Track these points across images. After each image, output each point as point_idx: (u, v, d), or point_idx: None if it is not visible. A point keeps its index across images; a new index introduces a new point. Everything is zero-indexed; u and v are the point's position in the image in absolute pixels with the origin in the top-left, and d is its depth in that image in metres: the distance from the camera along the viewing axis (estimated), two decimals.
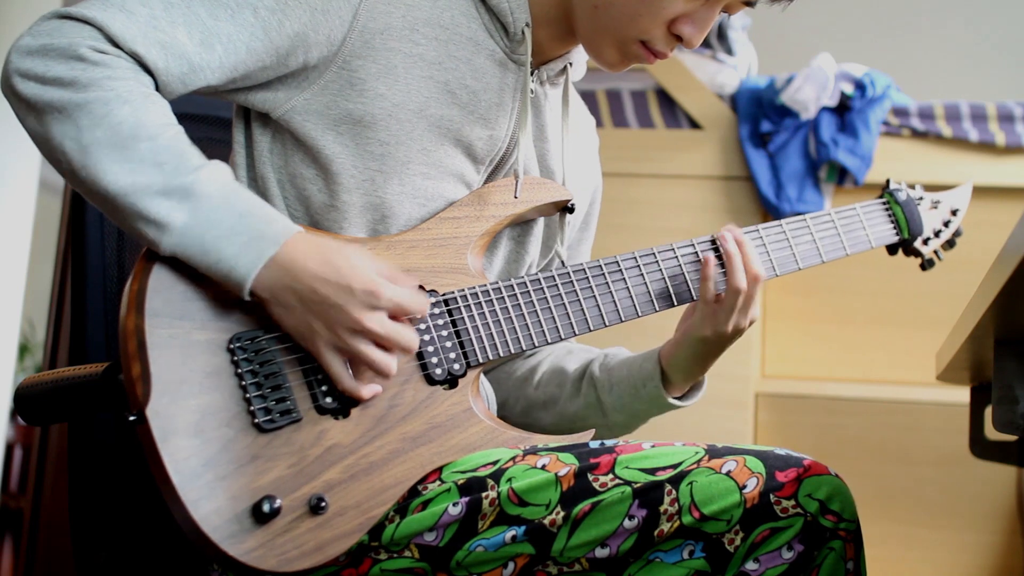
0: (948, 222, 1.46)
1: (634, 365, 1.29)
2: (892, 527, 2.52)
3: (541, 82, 1.28)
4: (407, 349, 1.07)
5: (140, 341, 1.01)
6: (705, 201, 2.74)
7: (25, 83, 1.03)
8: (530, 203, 1.24)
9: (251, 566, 1.00)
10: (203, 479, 0.99)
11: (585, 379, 1.31)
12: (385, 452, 1.08)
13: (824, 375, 2.72)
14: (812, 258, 1.33)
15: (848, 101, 2.67)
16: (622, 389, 1.29)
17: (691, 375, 1.28)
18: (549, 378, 1.34)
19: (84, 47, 1.03)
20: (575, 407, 1.31)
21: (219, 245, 1.02)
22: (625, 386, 1.28)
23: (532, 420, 1.33)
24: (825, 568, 1.02)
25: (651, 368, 1.27)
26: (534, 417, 1.33)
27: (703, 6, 1.16)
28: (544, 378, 1.34)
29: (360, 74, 1.15)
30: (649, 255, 1.25)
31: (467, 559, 1.06)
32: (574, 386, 1.32)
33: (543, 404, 1.33)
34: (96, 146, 1.01)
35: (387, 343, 1.06)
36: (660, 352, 1.28)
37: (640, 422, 1.31)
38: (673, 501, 1.03)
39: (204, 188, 1.02)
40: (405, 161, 1.17)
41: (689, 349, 1.25)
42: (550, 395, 1.33)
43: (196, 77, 1.09)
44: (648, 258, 1.25)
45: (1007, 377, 1.26)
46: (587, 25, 1.20)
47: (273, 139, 1.18)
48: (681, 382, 1.28)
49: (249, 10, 1.10)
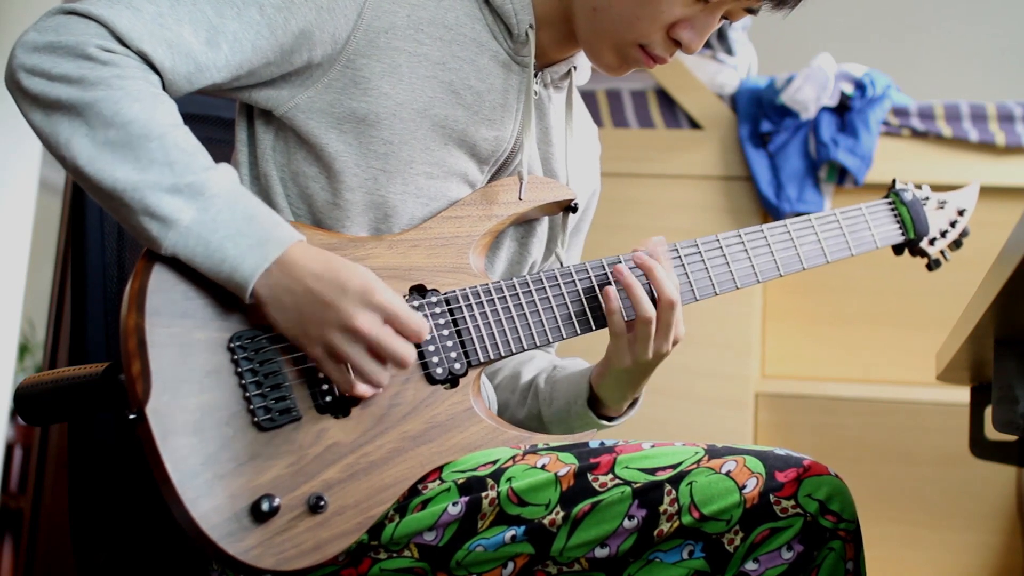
0: (955, 222, 1.46)
1: (572, 381, 1.28)
2: (892, 527, 2.52)
3: (545, 85, 1.28)
4: (400, 362, 1.04)
5: (140, 339, 1.01)
6: (705, 201, 2.73)
7: (31, 79, 1.03)
8: (533, 202, 1.24)
9: (250, 565, 1.00)
10: (202, 477, 0.99)
11: (531, 390, 1.32)
12: (385, 451, 1.08)
13: (824, 375, 2.71)
14: (816, 258, 1.33)
15: (848, 101, 2.66)
16: (559, 404, 1.28)
17: (623, 397, 1.26)
18: (506, 383, 1.35)
19: (92, 45, 1.03)
20: (521, 415, 1.32)
21: (224, 245, 1.02)
22: (562, 402, 1.28)
23: None
24: (825, 568, 1.02)
25: (583, 387, 1.26)
26: None
27: (703, 12, 1.16)
28: (503, 382, 1.35)
29: (364, 73, 1.15)
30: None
31: (467, 559, 1.06)
32: (522, 394, 1.32)
33: (500, 408, 1.33)
34: (106, 144, 1.02)
35: (379, 350, 1.04)
36: (591, 375, 1.26)
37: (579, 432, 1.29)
38: (673, 501, 1.03)
39: (213, 188, 1.02)
40: (408, 160, 1.17)
41: (613, 378, 1.23)
42: (503, 400, 1.34)
43: (202, 76, 1.09)
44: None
45: (1007, 377, 1.26)
46: (586, 28, 1.20)
47: (276, 137, 1.18)
48: (614, 404, 1.26)
49: (255, 8, 1.10)
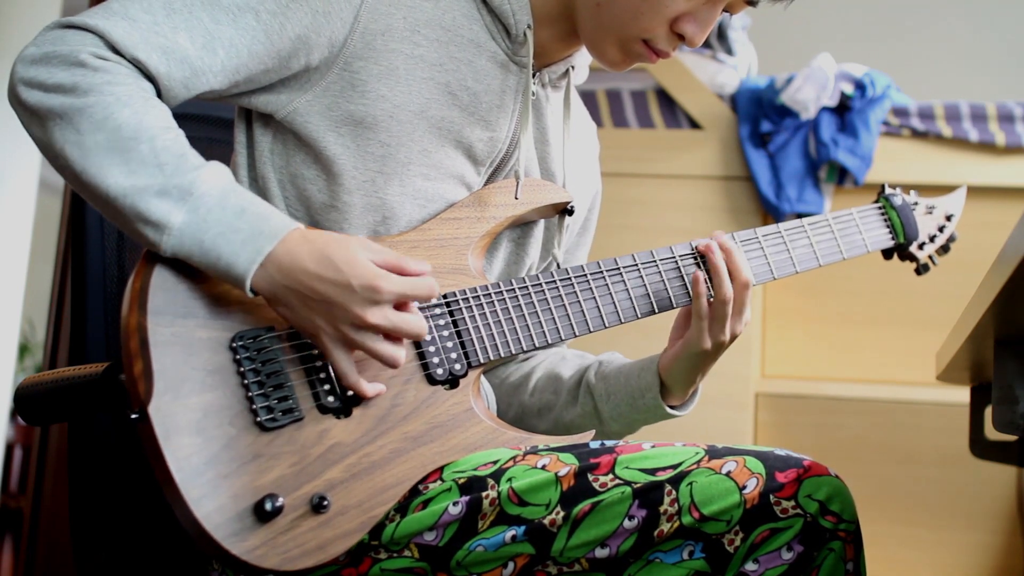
0: (943, 227, 1.47)
1: (631, 375, 1.28)
2: (892, 527, 2.52)
3: (543, 85, 1.28)
4: (416, 336, 1.06)
5: (142, 339, 1.01)
6: (705, 201, 2.74)
7: (29, 91, 1.04)
8: (530, 204, 1.25)
9: (253, 564, 1.00)
10: (205, 477, 0.99)
11: (582, 388, 1.31)
12: (386, 451, 1.09)
13: (824, 375, 2.72)
14: (809, 262, 1.34)
15: (848, 101, 2.67)
16: (619, 399, 1.28)
17: (690, 384, 1.27)
18: (544, 384, 1.33)
19: (85, 53, 1.04)
20: (571, 415, 1.31)
21: (217, 243, 1.01)
22: (623, 396, 1.28)
23: (526, 427, 1.32)
24: (825, 569, 1.02)
25: (650, 379, 1.26)
26: (528, 424, 1.33)
27: (705, 5, 1.16)
28: (539, 384, 1.34)
29: (362, 75, 1.15)
30: (649, 258, 1.25)
31: (467, 559, 1.06)
32: (570, 394, 1.31)
33: (538, 411, 1.33)
34: (96, 149, 1.02)
35: (394, 334, 1.05)
36: (659, 363, 1.27)
37: (635, 429, 1.31)
38: (673, 501, 1.03)
39: (202, 187, 1.02)
40: (406, 162, 1.17)
41: (688, 361, 1.24)
42: (546, 402, 1.33)
43: (199, 81, 1.09)
44: (648, 261, 1.25)
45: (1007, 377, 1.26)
46: (589, 23, 1.20)
47: (274, 139, 1.18)
48: (680, 392, 1.27)
49: (251, 14, 1.10)
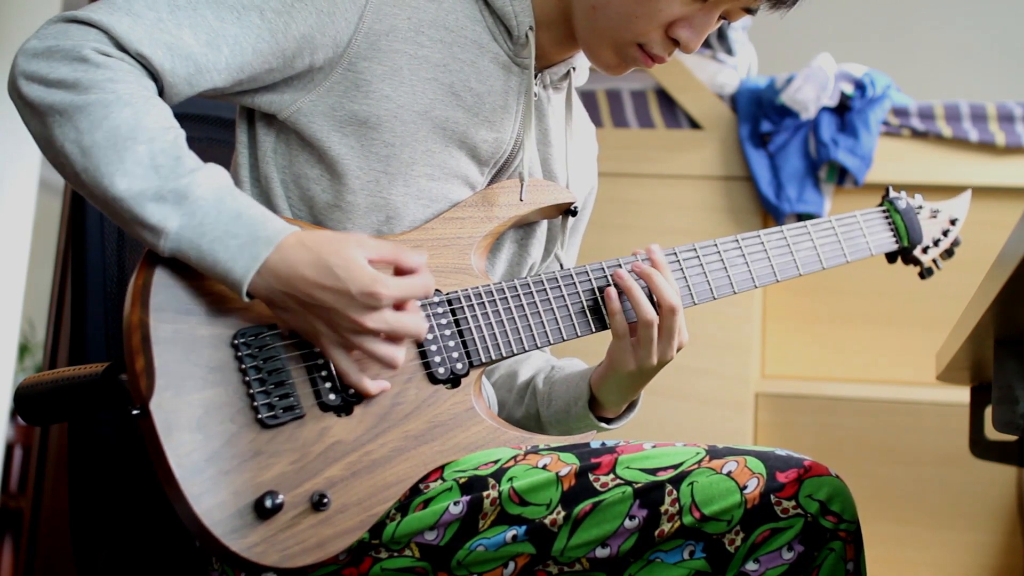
0: (947, 231, 1.47)
1: (571, 382, 1.28)
2: (892, 527, 2.52)
3: (544, 86, 1.28)
4: (415, 336, 1.06)
5: (144, 335, 1.01)
6: (705, 201, 2.74)
7: (30, 86, 1.03)
8: (533, 205, 1.25)
9: (253, 561, 1.00)
10: (206, 474, 0.99)
11: (529, 390, 1.32)
12: (387, 450, 1.09)
13: (824, 375, 2.72)
14: (813, 264, 1.34)
15: (848, 101, 2.67)
16: (558, 405, 1.29)
17: (623, 400, 1.26)
18: (502, 382, 1.35)
19: (88, 48, 1.03)
20: (518, 415, 1.32)
21: (214, 248, 1.01)
22: (561, 403, 1.28)
23: None
24: (825, 569, 1.02)
25: (584, 388, 1.26)
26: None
27: (701, 11, 1.16)
28: (499, 381, 1.35)
29: (366, 75, 1.15)
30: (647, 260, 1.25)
31: (468, 558, 1.06)
32: (519, 394, 1.33)
33: (497, 406, 1.33)
34: (95, 148, 1.01)
35: (394, 335, 1.05)
36: (591, 377, 1.26)
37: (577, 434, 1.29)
38: (674, 501, 1.03)
39: (198, 191, 1.01)
40: (410, 162, 1.17)
41: (615, 381, 1.23)
42: (500, 399, 1.34)
43: (202, 78, 1.09)
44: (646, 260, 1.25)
45: (1007, 377, 1.27)
46: (585, 27, 1.20)
47: (277, 139, 1.18)
48: (614, 406, 1.26)
49: (255, 12, 1.10)
